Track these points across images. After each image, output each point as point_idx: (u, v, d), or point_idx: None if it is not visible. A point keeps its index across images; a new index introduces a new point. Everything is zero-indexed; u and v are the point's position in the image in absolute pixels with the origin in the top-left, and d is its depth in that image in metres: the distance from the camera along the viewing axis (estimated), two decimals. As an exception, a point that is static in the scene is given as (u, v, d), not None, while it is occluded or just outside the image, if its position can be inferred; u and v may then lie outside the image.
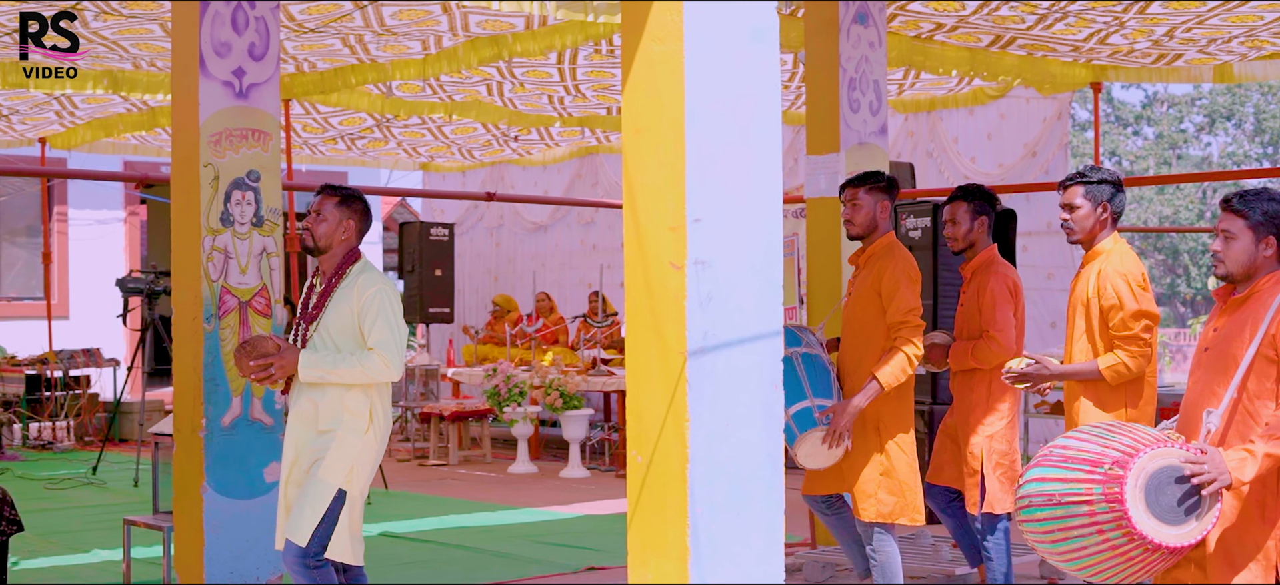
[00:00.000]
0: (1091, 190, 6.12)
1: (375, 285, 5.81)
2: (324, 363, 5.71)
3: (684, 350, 4.48)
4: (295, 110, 14.47)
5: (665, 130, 4.55)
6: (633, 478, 4.70)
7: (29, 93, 12.76)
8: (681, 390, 4.52)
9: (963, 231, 7.20)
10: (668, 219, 4.54)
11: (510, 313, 17.36)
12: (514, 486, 13.02)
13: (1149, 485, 4.74)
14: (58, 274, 19.94)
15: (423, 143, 17.19)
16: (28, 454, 15.66)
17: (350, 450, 5.73)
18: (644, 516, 4.66)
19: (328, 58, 12.03)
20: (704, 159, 4.50)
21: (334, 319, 5.82)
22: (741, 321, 4.58)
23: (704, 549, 4.49)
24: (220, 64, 6.85)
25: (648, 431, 4.65)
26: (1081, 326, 6.07)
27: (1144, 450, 4.78)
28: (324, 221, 5.91)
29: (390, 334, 5.74)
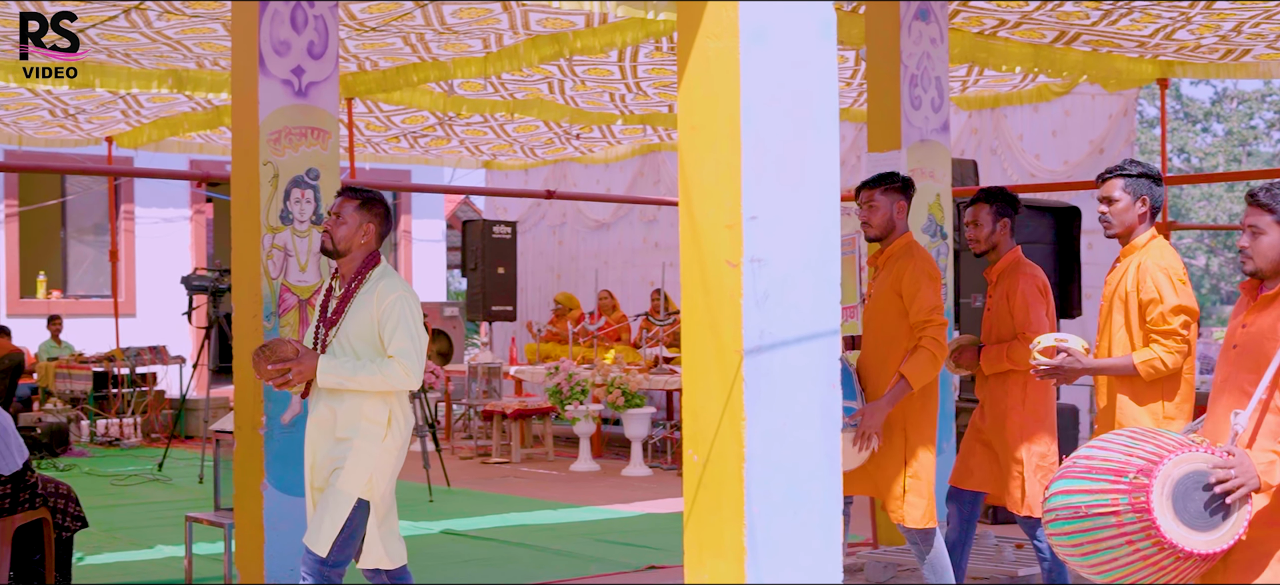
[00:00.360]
0: (1130, 184, 6.05)
1: (396, 292, 5.71)
2: (343, 369, 5.63)
3: (740, 349, 4.44)
4: (358, 108, 14.53)
5: (721, 127, 4.52)
6: (689, 477, 4.67)
7: (94, 91, 12.86)
8: (738, 389, 4.48)
9: (985, 234, 7.13)
10: (724, 217, 4.50)
11: (572, 310, 17.37)
12: (576, 484, 13.02)
13: (1176, 492, 4.65)
14: (125, 272, 20.13)
15: (485, 141, 17.22)
16: (95, 450, 15.81)
17: (368, 458, 5.66)
18: (700, 516, 4.63)
19: (389, 56, 12.06)
20: (760, 156, 4.47)
21: (353, 325, 5.73)
22: (798, 320, 4.53)
23: (761, 549, 4.46)
24: (279, 63, 6.87)
25: (704, 430, 4.62)
26: (1119, 320, 5.98)
27: (1169, 457, 4.69)
28: (344, 224, 5.80)
29: (410, 342, 5.65)
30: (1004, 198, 7.18)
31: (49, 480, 7.95)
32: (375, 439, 5.69)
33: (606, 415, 14.71)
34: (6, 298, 19.82)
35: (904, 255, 6.75)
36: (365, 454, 5.67)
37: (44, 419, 15.63)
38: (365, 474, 5.67)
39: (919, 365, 6.53)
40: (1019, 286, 7.02)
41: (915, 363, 6.53)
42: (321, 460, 5.78)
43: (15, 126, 15.57)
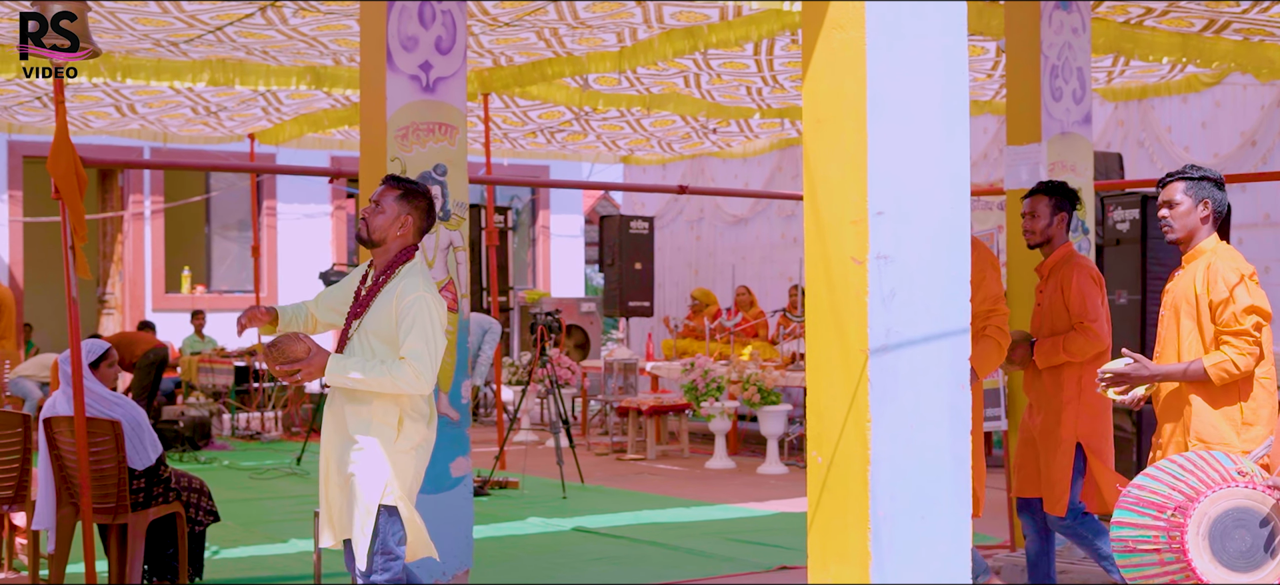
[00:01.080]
0: (1192, 187, 5.83)
1: (417, 291, 5.51)
2: (351, 368, 5.46)
3: (865, 348, 4.32)
4: (494, 104, 14.56)
5: (846, 121, 4.40)
6: (813, 479, 4.56)
7: (235, 88, 13.01)
8: (863, 389, 4.36)
9: (1041, 226, 7.05)
10: (849, 212, 4.39)
11: (709, 306, 17.27)
12: (710, 482, 12.92)
13: (1213, 531, 4.44)
14: (267, 267, 20.41)
15: (622, 136, 17.18)
16: (236, 444, 16.01)
17: (381, 463, 5.52)
18: (824, 519, 4.52)
19: (524, 51, 12.05)
20: (887, 150, 4.34)
21: (373, 319, 5.58)
22: (926, 318, 4.40)
23: (886, 553, 4.33)
24: (407, 58, 6.84)
25: (828, 431, 4.50)
26: (1188, 325, 5.73)
27: (1207, 493, 4.47)
28: (381, 213, 5.66)
29: (424, 345, 5.45)
30: (1063, 192, 7.08)
31: (182, 475, 8.03)
32: (386, 442, 5.54)
33: (742, 412, 14.59)
34: (152, 293, 20.17)
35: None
36: (377, 459, 5.52)
37: (187, 412, 15.85)
38: (381, 480, 5.52)
39: (983, 354, 6.49)
40: (1073, 278, 6.91)
41: (979, 351, 6.45)
42: (334, 461, 5.64)
43: (160, 124, 15.83)
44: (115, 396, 7.66)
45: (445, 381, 7.00)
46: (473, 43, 11.43)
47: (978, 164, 15.56)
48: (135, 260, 19.92)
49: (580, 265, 24.04)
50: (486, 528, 10.32)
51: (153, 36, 10.96)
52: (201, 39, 11.04)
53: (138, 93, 13.72)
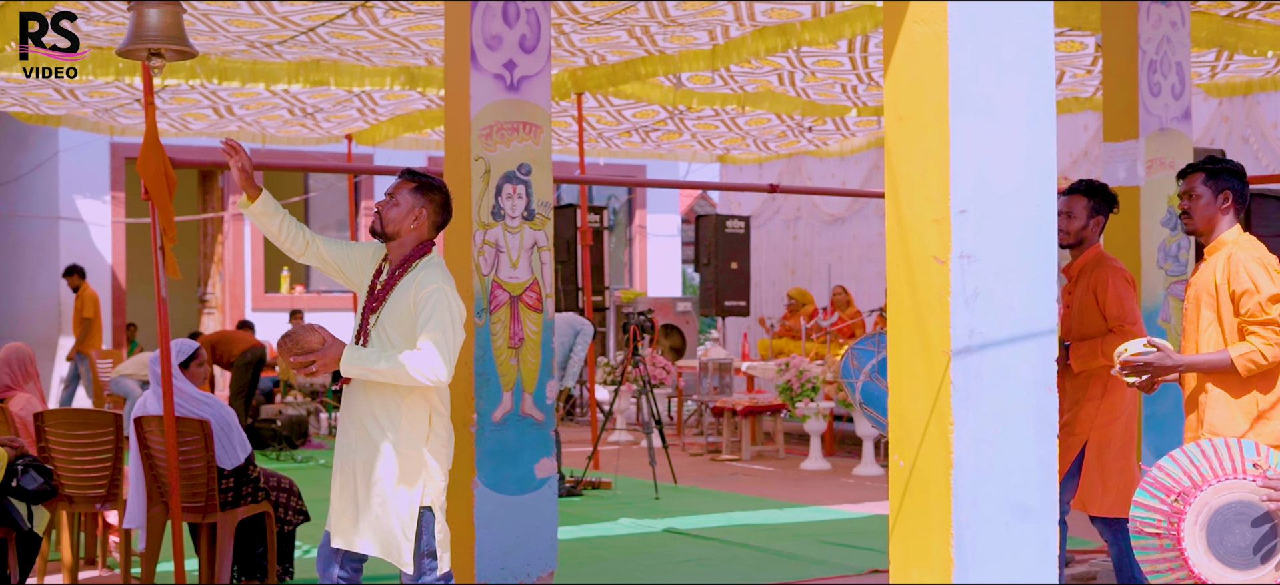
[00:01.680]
0: (1212, 179, 5.67)
1: (434, 283, 5.43)
2: (367, 359, 5.35)
3: (948, 349, 4.23)
4: (588, 103, 14.53)
5: (928, 116, 4.31)
6: (895, 483, 4.47)
7: (330, 90, 13.06)
8: (945, 392, 4.27)
9: (1077, 227, 6.85)
10: (931, 211, 4.29)
11: (806, 306, 17.14)
12: (805, 483, 12.80)
13: (1212, 523, 4.20)
14: (365, 267, 20.50)
15: (717, 135, 17.08)
16: (332, 443, 16.08)
17: (417, 465, 5.46)
18: (906, 525, 4.42)
19: (616, 50, 12.00)
20: (969, 147, 4.25)
21: (391, 313, 5.48)
22: (1011, 319, 4.30)
23: (969, 560, 4.23)
24: (491, 57, 6.81)
25: (910, 434, 4.41)
26: (1208, 316, 5.57)
27: (1213, 482, 4.24)
28: (396, 207, 5.58)
29: (443, 336, 5.34)
30: (1103, 193, 6.90)
31: (271, 474, 8.06)
32: (418, 442, 5.46)
33: (838, 413, 14.46)
34: (252, 293, 20.36)
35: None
36: (413, 461, 5.46)
37: (284, 411, 15.97)
38: (418, 481, 5.46)
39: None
40: (1109, 281, 6.74)
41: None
42: (361, 461, 5.53)
43: (257, 125, 15.94)
44: (204, 396, 7.69)
45: (530, 382, 6.97)
46: (564, 41, 11.40)
47: (1078, 161, 15.33)
48: (235, 260, 20.12)
49: (677, 265, 23.98)
50: (578, 528, 10.28)
51: (246, 38, 11.02)
52: (294, 40, 11.09)
53: (234, 95, 13.82)
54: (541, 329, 7.02)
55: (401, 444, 5.43)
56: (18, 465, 7.43)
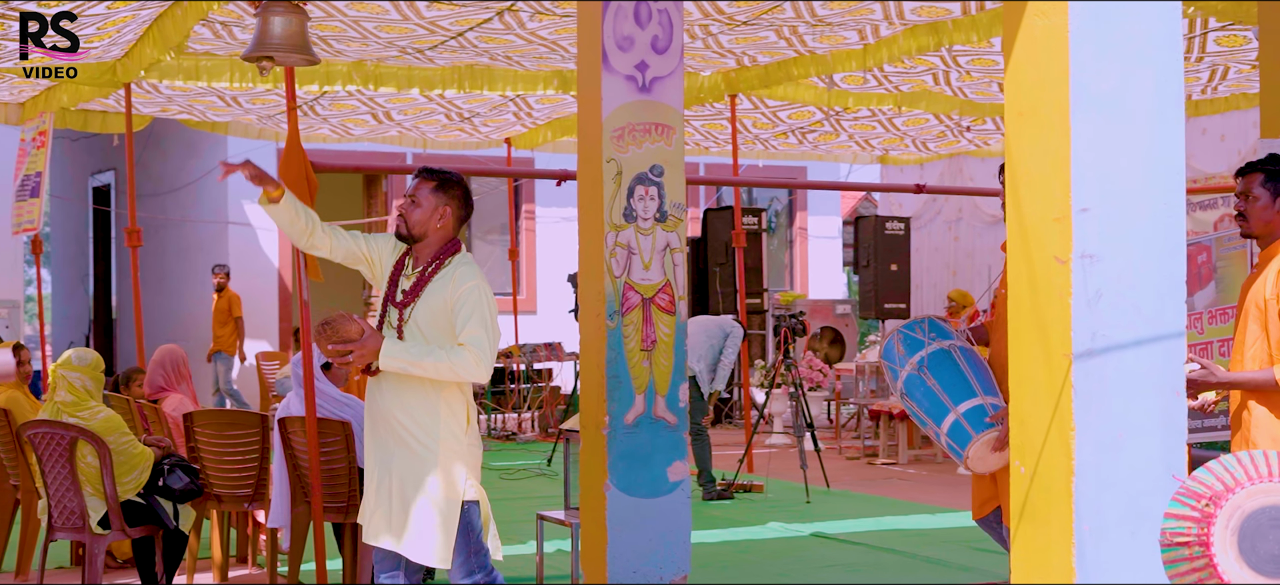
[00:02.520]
0: (1273, 180, 5.35)
1: (472, 280, 5.41)
2: (409, 353, 5.31)
3: (1069, 352, 4.10)
4: (743, 105, 14.46)
5: (1049, 112, 4.19)
6: (1016, 490, 4.35)
7: (484, 94, 13.16)
8: (1066, 396, 4.14)
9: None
10: (1052, 209, 4.17)
11: (966, 308, 16.85)
12: (960, 487, 12.58)
13: (1244, 528, 3.78)
14: (525, 270, 20.67)
15: (875, 135, 16.90)
16: (492, 444, 16.22)
17: (458, 458, 5.43)
18: (1027, 533, 4.30)
19: (766, 51, 11.92)
20: (1092, 142, 4.12)
21: (424, 310, 5.42)
22: (1136, 321, 4.16)
23: (1091, 570, 4.11)
24: (623, 58, 6.78)
25: (1031, 440, 4.29)
26: (1255, 331, 5.24)
27: (1244, 485, 3.84)
28: (418, 207, 5.52)
29: (484, 332, 5.33)
30: None
31: (412, 474, 8.11)
32: (458, 435, 5.44)
33: (998, 416, 14.17)
34: (415, 295, 20.58)
35: None
36: (455, 455, 5.42)
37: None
38: (460, 474, 5.42)
39: None
40: None
41: None
42: (394, 458, 5.47)
43: (417, 130, 16.13)
44: (346, 397, 7.77)
45: (662, 384, 6.92)
46: (712, 43, 11.36)
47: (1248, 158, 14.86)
48: (398, 264, 20.38)
49: (838, 267, 23.78)
50: (725, 532, 10.24)
51: (397, 44, 11.14)
52: (444, 45, 11.19)
53: (391, 101, 13.99)
54: (674, 331, 6.97)
55: (442, 438, 5.41)
56: (164, 465, 7.58)
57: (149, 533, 7.47)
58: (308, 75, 12.25)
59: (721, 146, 16.87)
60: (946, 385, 5.89)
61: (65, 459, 7.24)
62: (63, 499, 7.34)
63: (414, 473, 5.41)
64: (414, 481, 5.41)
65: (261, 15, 6.90)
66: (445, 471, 5.40)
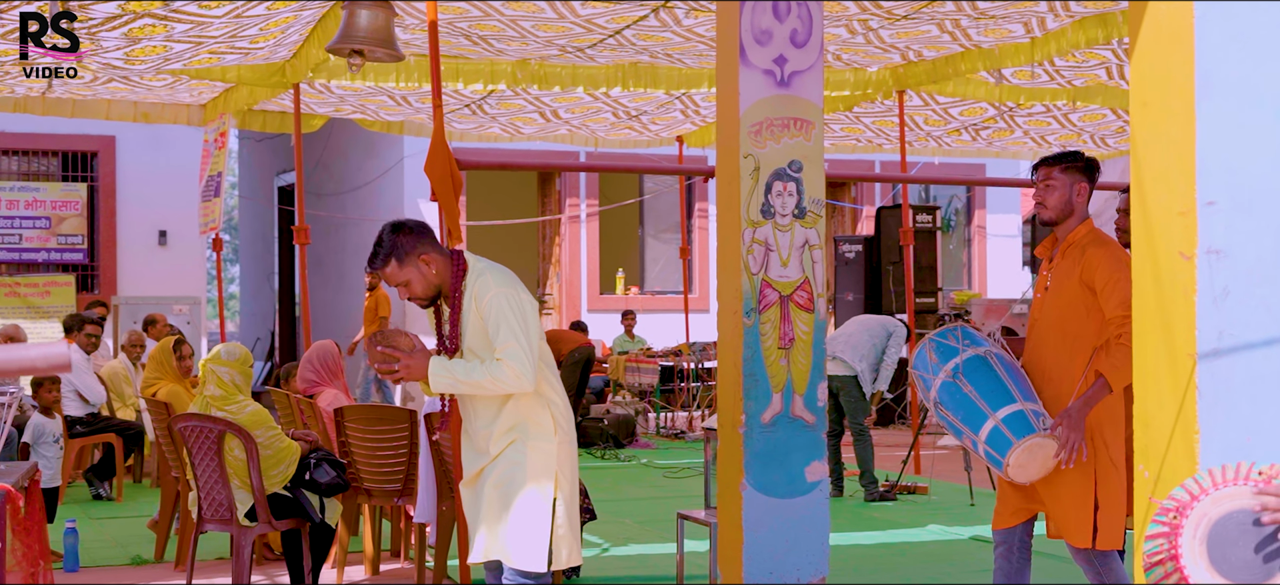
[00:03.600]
0: None
1: (491, 290, 5.33)
2: (454, 371, 5.30)
3: (1193, 352, 3.94)
4: (914, 102, 14.25)
5: (1173, 101, 4.03)
6: (1139, 495, 4.18)
7: (649, 92, 13.14)
8: (1190, 397, 3.98)
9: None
10: (1176, 202, 4.01)
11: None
12: (1132, 493, 12.24)
13: (1212, 536, 3.62)
14: (697, 269, 20.62)
15: (1051, 132, 16.53)
16: (660, 443, 16.21)
17: (547, 457, 5.39)
18: (1151, 539, 4.13)
19: (931, 45, 11.72)
20: (1218, 132, 3.95)
21: (467, 338, 5.41)
22: (1266, 320, 3.97)
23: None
24: (760, 52, 6.68)
25: (1155, 442, 4.13)
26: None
27: (1210, 492, 3.69)
28: (411, 285, 5.45)
29: (515, 339, 5.26)
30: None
31: (559, 471, 8.11)
32: (546, 436, 5.40)
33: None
34: (587, 293, 20.69)
35: (1092, 243, 5.92)
36: (541, 453, 5.38)
37: (612, 410, 16.17)
38: (549, 474, 5.38)
39: (1120, 364, 5.68)
40: None
41: (1115, 362, 5.68)
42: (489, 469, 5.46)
43: (586, 129, 16.17)
44: (490, 394, 7.78)
45: (800, 383, 6.80)
46: (874, 38, 11.20)
47: None
48: (571, 262, 20.49)
49: (1018, 266, 23.35)
50: (883, 533, 10.10)
51: (556, 43, 11.17)
52: (603, 44, 11.19)
53: (558, 100, 14.04)
54: (813, 329, 6.85)
55: (533, 442, 5.39)
56: (310, 459, 7.67)
57: (295, 526, 7.57)
58: (473, 74, 12.35)
59: (894, 144, 16.66)
60: (984, 392, 5.74)
61: (214, 452, 7.37)
62: (212, 491, 7.48)
63: (500, 479, 5.42)
64: (500, 488, 5.41)
65: (347, 9, 6.93)
66: (534, 469, 5.39)
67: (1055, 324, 6.00)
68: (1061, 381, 5.89)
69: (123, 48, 10.30)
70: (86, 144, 18.54)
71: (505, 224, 20.70)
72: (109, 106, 14.13)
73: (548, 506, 5.38)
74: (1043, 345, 6.06)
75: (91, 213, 18.74)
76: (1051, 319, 6.03)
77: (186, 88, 13.14)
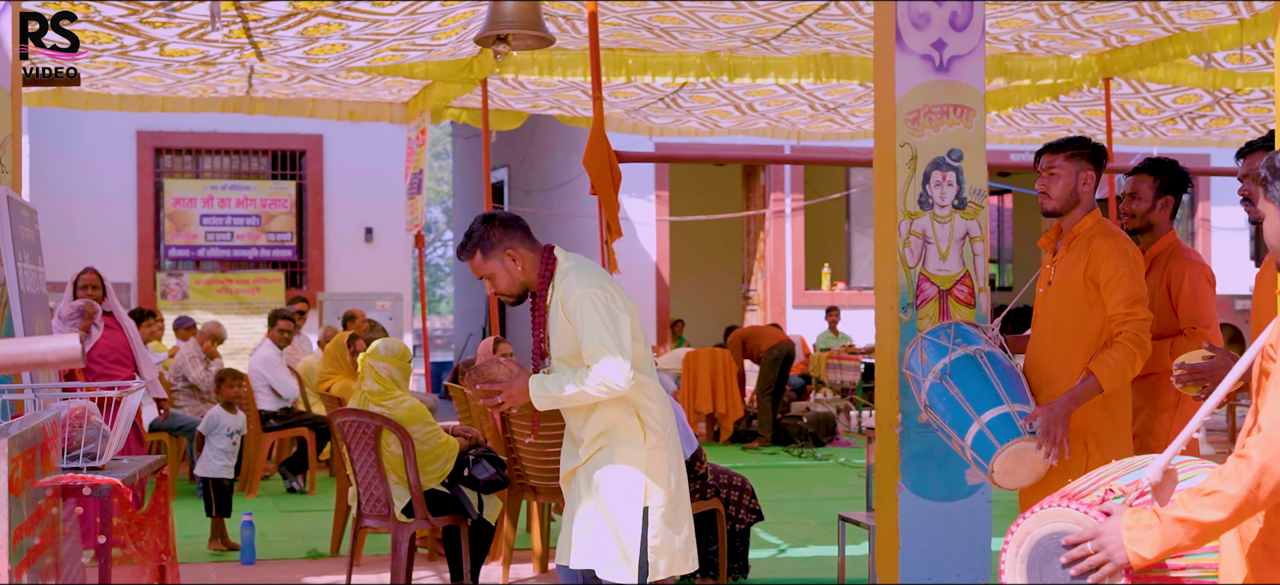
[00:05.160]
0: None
1: (577, 290, 5.07)
2: (552, 386, 5.07)
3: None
4: (1122, 90, 13.73)
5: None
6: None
7: (842, 84, 12.86)
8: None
9: (1142, 209, 5.98)
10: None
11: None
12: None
13: (1034, 555, 3.44)
14: (905, 263, 20.23)
15: (1270, 119, 15.79)
16: (860, 441, 15.92)
17: (634, 464, 5.13)
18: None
19: (1133, 29, 11.24)
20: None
21: (555, 342, 5.18)
22: None
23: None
24: (918, 37, 6.42)
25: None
26: None
27: (1038, 510, 3.47)
28: (495, 280, 5.28)
29: (601, 343, 4.97)
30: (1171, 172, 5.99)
31: (722, 472, 7.95)
32: (634, 444, 5.14)
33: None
34: (793, 289, 20.44)
35: (1097, 235, 5.52)
36: (629, 460, 5.13)
37: (812, 408, 15.92)
38: (639, 483, 5.11)
39: (1114, 363, 5.29)
40: (1186, 275, 5.82)
41: (1109, 360, 5.30)
42: (579, 476, 5.28)
43: (785, 122, 15.94)
44: (656, 392, 7.65)
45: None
46: (1068, 22, 10.78)
47: None
48: (776, 257, 20.27)
49: (1245, 259, 22.43)
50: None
51: (738, 33, 10.99)
52: (787, 34, 10.97)
53: (750, 92, 13.84)
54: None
55: (620, 450, 5.16)
56: (469, 455, 7.62)
57: (453, 522, 7.52)
58: (661, 66, 12.22)
59: (1103, 133, 16.09)
60: (970, 393, 5.42)
61: (371, 447, 7.36)
62: (370, 487, 7.47)
63: (591, 487, 5.23)
64: (591, 495, 5.23)
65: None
66: (626, 481, 5.17)
67: (1056, 321, 5.67)
68: (1060, 383, 5.54)
69: (300, 46, 10.40)
70: (295, 142, 18.90)
71: (709, 219, 20.57)
72: (314, 105, 14.36)
73: (638, 516, 5.16)
74: (1043, 344, 5.73)
75: (300, 210, 19.12)
76: (1052, 316, 5.69)
77: (384, 85, 13.26)
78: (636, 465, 5.17)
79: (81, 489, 4.45)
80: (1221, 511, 3.14)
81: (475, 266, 5.34)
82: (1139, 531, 3.24)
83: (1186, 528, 3.18)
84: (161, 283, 18.17)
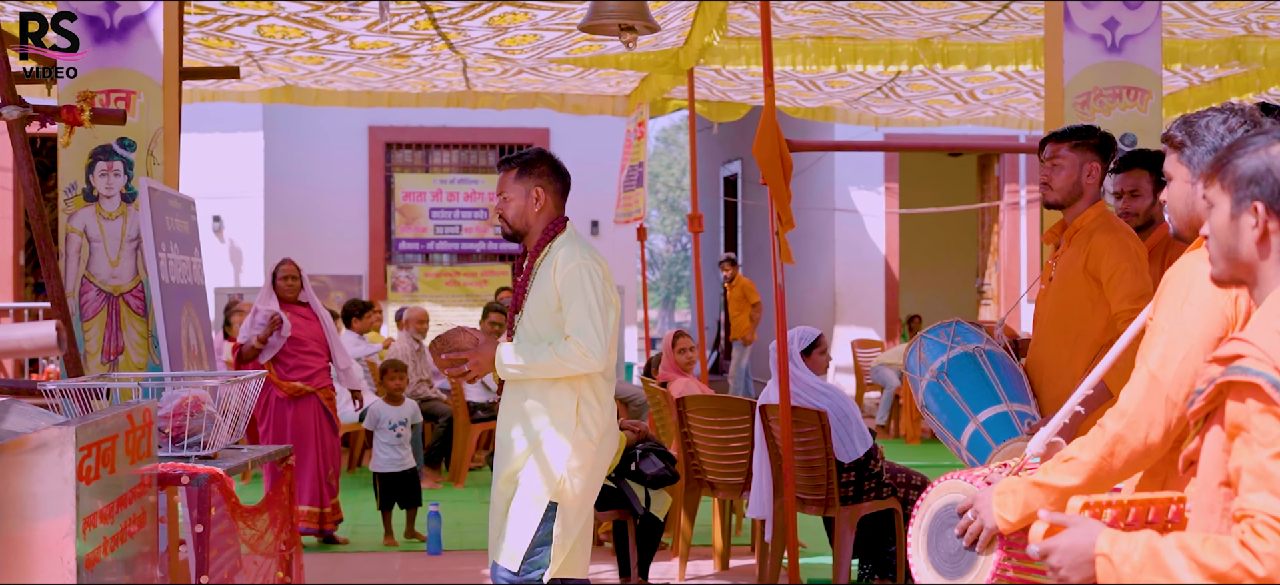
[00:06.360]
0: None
1: (574, 261, 4.97)
2: (520, 356, 4.92)
3: None
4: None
5: None
6: None
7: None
8: None
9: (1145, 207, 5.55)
10: None
11: None
12: None
13: (933, 526, 3.57)
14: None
15: None
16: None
17: (558, 456, 4.98)
18: None
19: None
20: None
21: (532, 304, 5.01)
22: None
23: None
24: (1088, 16, 6.11)
25: None
26: None
27: (941, 481, 3.60)
28: (510, 202, 5.18)
29: (587, 318, 4.86)
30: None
31: (900, 470, 7.71)
32: (564, 433, 4.98)
33: None
34: (1027, 283, 19.89)
35: (1100, 228, 5.13)
36: (554, 451, 4.97)
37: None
38: (555, 474, 4.95)
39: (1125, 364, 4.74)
40: None
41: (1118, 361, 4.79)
42: (507, 457, 5.11)
43: (1011, 110, 15.50)
44: (823, 385, 7.49)
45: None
46: None
47: None
48: (1010, 251, 19.74)
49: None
50: None
51: (942, 19, 10.70)
52: (995, 18, 10.64)
53: (968, 79, 13.50)
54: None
55: (548, 437, 5.03)
56: (637, 449, 7.52)
57: (620, 517, 7.44)
58: (871, 55, 11.98)
59: None
60: (967, 392, 5.13)
61: (536, 440, 7.31)
62: (537, 479, 7.43)
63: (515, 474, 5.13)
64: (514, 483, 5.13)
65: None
66: (539, 467, 5.05)
67: (1057, 318, 5.32)
68: (1061, 382, 5.17)
69: (491, 37, 10.41)
70: (522, 136, 19.04)
71: (939, 212, 20.15)
72: (536, 98, 14.46)
73: (540, 510, 5.04)
74: (1044, 342, 5.38)
75: (527, 202, 19.29)
76: (1054, 313, 5.34)
77: (600, 78, 13.26)
78: (558, 456, 5.06)
79: (180, 478, 4.48)
80: (1076, 477, 3.31)
81: (505, 181, 5.29)
82: (1006, 496, 3.38)
83: (1045, 492, 3.32)
84: (392, 275, 18.53)
